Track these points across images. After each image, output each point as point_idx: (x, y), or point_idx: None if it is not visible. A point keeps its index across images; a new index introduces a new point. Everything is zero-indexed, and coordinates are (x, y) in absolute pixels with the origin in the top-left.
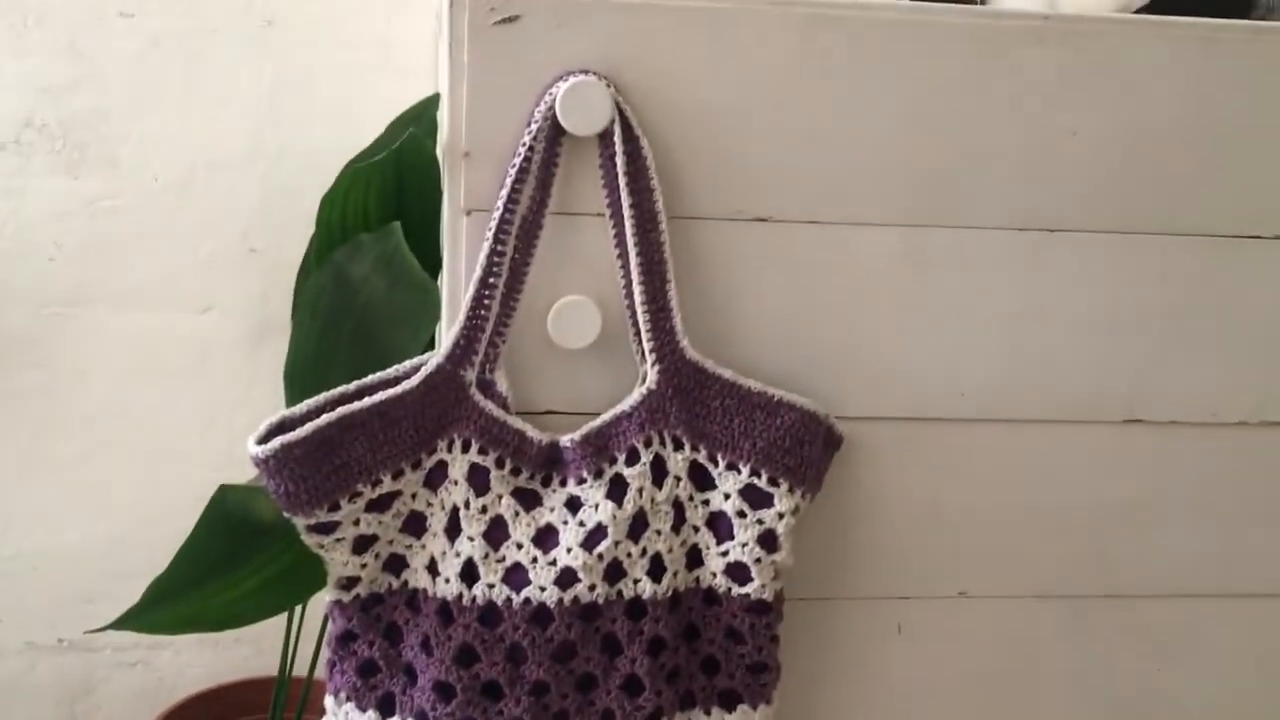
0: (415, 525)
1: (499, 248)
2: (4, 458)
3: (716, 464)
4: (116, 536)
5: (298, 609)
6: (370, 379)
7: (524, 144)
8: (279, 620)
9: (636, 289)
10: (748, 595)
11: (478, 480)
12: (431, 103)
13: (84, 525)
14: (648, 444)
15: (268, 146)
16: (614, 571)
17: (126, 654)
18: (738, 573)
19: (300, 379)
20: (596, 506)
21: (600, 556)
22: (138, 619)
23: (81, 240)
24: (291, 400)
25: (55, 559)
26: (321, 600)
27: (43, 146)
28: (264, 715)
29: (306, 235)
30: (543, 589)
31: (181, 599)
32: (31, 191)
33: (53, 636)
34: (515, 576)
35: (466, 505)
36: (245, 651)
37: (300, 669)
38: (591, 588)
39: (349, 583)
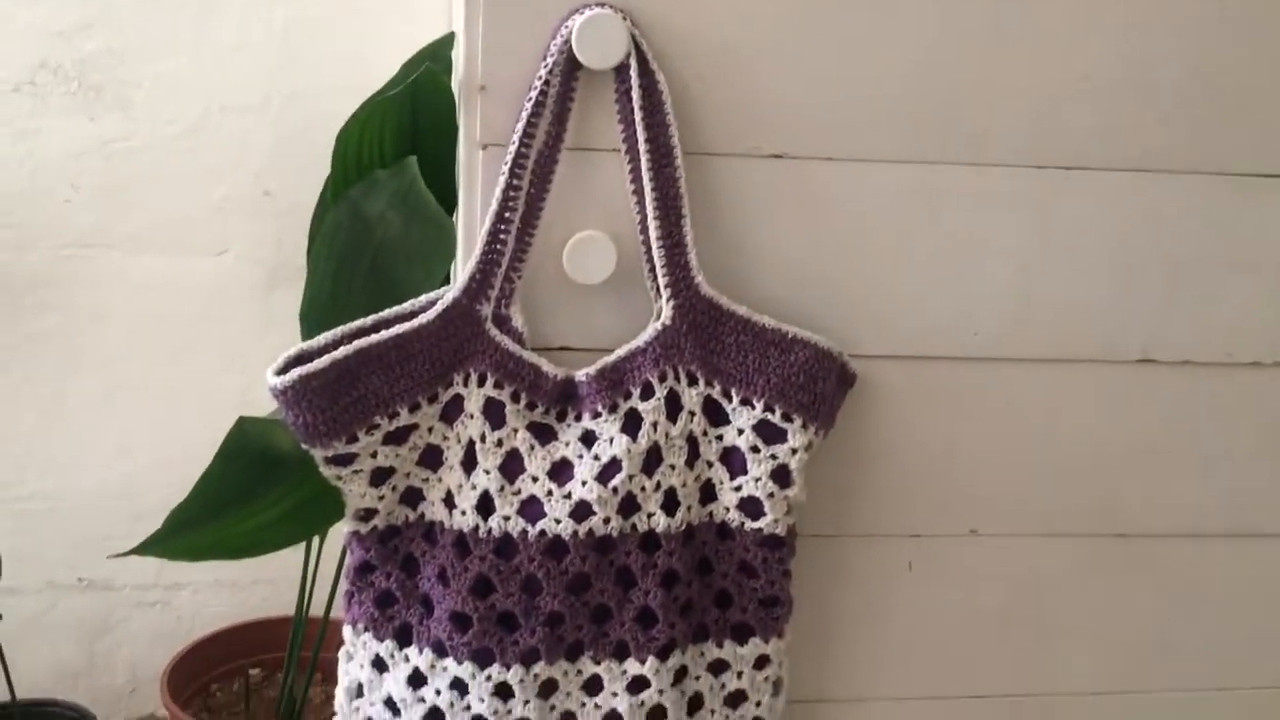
0: (432, 458)
1: (515, 182)
2: (22, 399)
3: (730, 399)
4: (134, 477)
5: (314, 550)
6: (387, 313)
7: (539, 78)
8: (296, 562)
9: (652, 224)
10: (761, 530)
11: (493, 414)
12: (446, 42)
13: (102, 466)
14: (662, 379)
15: (281, 89)
16: (628, 505)
17: (146, 594)
18: (751, 507)
19: (316, 318)
20: (611, 441)
21: (615, 490)
22: (159, 545)
23: (97, 182)
24: (308, 339)
25: (74, 499)
26: (338, 541)
27: (58, 88)
28: (281, 654)
29: (320, 178)
30: (558, 521)
31: (201, 527)
32: (47, 133)
33: (72, 576)
34: (530, 509)
35: (482, 439)
36: (263, 592)
37: (316, 610)
38: (606, 521)
39: (367, 514)
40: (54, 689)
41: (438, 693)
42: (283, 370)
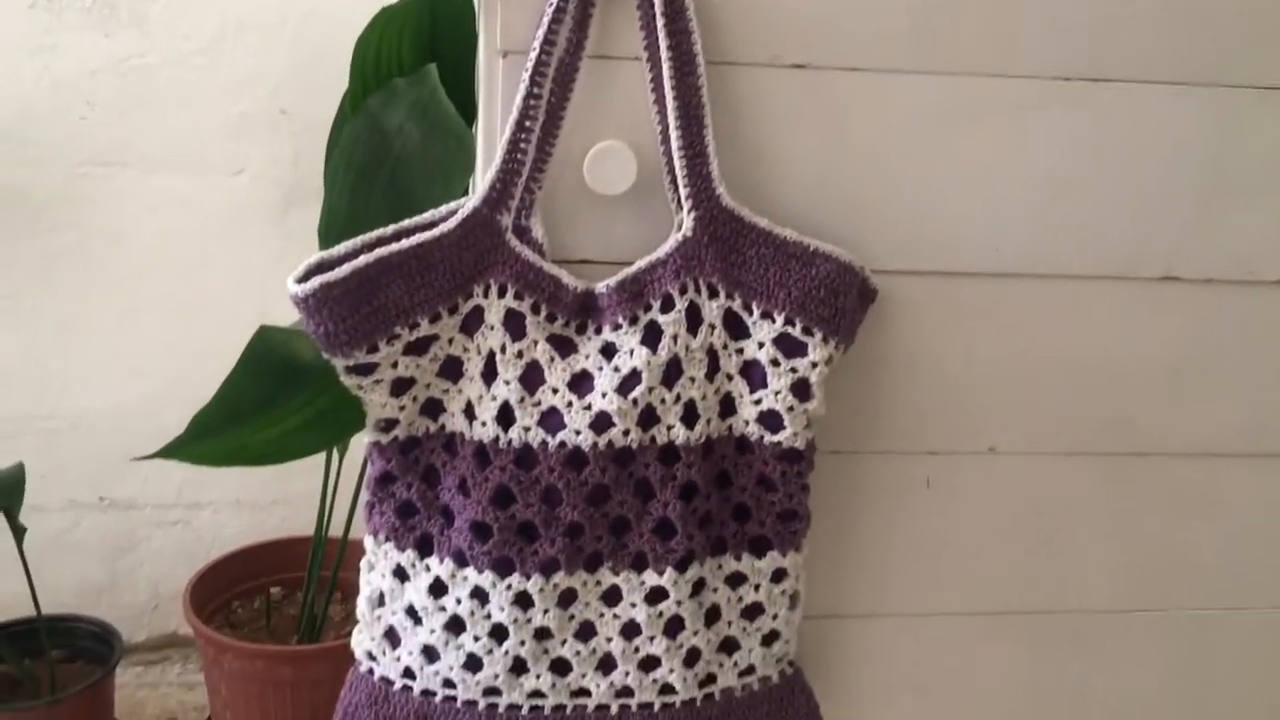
0: (452, 370)
1: (535, 90)
2: (41, 318)
3: (751, 312)
4: (153, 397)
5: (333, 471)
6: (407, 223)
7: None
8: (315, 484)
9: (673, 134)
10: (780, 443)
11: (513, 325)
12: None
13: (121, 386)
14: (683, 291)
15: (298, 6)
16: (648, 417)
17: (167, 513)
18: (770, 421)
19: (334, 235)
20: (631, 352)
21: (635, 402)
22: (182, 450)
23: (112, 99)
24: None
25: (94, 419)
26: (356, 464)
27: (73, 4)
28: (300, 573)
29: (337, 97)
30: (578, 433)
31: (224, 433)
32: (63, 49)
33: (94, 495)
34: (550, 420)
35: (502, 350)
36: (282, 513)
37: (335, 531)
38: (625, 433)
39: (387, 425)
40: (77, 606)
41: (458, 601)
42: (304, 278)
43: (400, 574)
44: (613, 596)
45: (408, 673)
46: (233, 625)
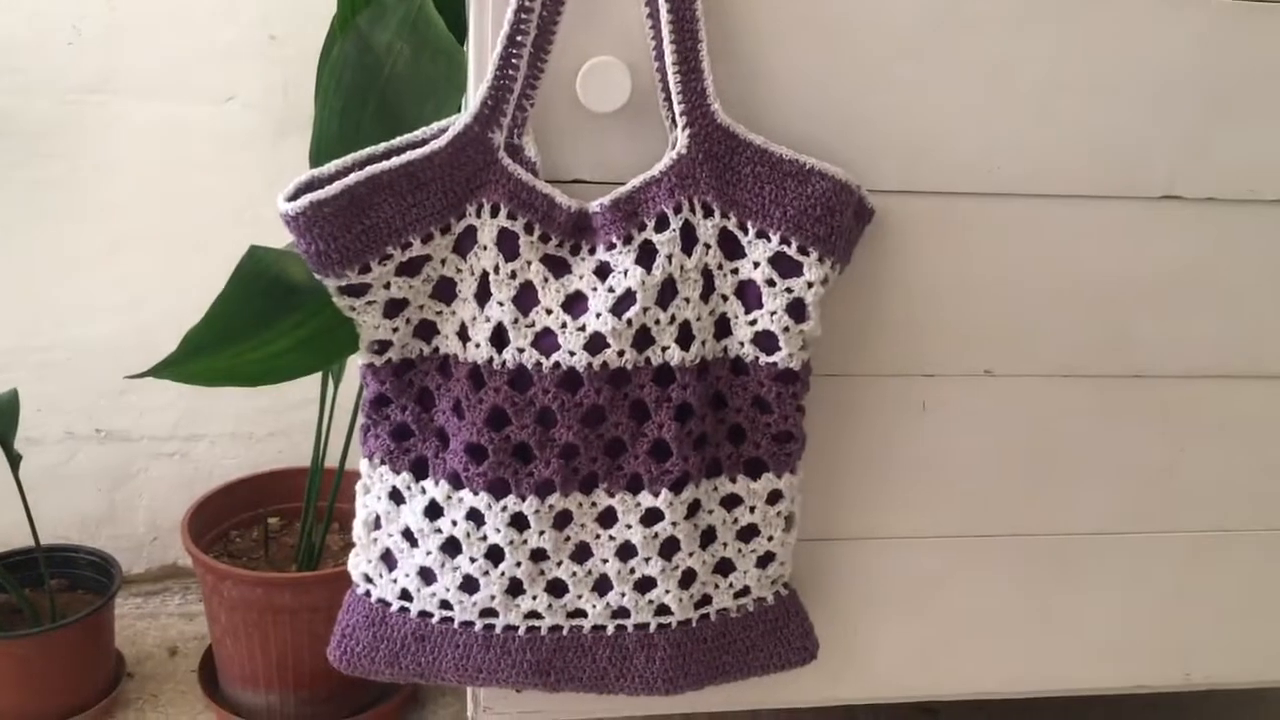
0: (445, 291)
1: (526, 4)
2: (32, 249)
3: (746, 232)
4: (147, 327)
5: (329, 402)
6: (398, 141)
7: None
8: (309, 417)
9: (667, 49)
10: (775, 364)
11: (507, 245)
12: None
13: (115, 316)
14: (677, 210)
15: None
16: (642, 338)
17: (164, 444)
18: (766, 341)
19: (325, 160)
20: (626, 273)
21: (629, 322)
22: (174, 369)
23: (99, 25)
24: None
25: (88, 350)
26: (351, 395)
27: None
28: (298, 504)
29: (327, 22)
30: (572, 354)
31: (216, 352)
32: None
33: (90, 427)
34: (545, 341)
35: (496, 270)
36: (279, 445)
37: (332, 462)
38: (620, 353)
39: (381, 347)
40: (77, 538)
41: (454, 523)
42: (293, 197)
43: (396, 496)
44: (608, 518)
45: (404, 594)
46: (231, 555)
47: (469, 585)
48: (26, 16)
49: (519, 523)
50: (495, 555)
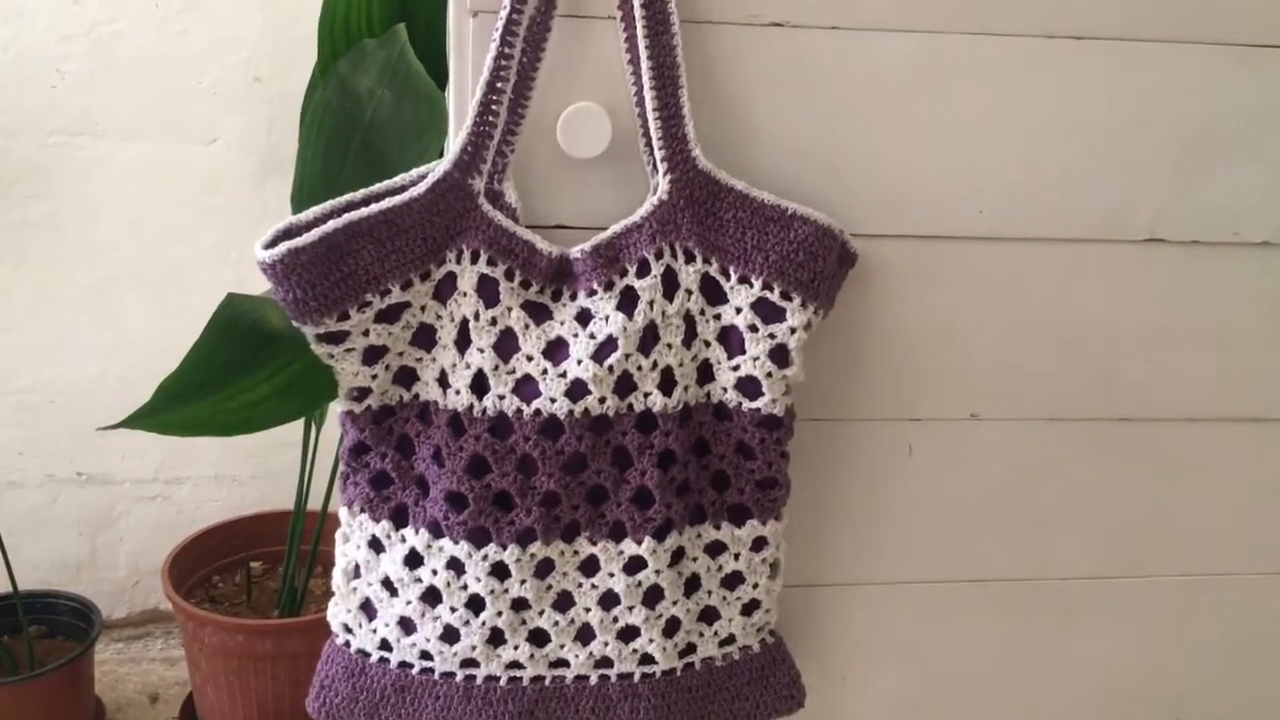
0: (425, 337)
1: (506, 50)
2: (16, 289)
3: (728, 277)
4: (130, 369)
5: (311, 445)
6: (377, 187)
7: None
8: (293, 459)
9: (648, 95)
10: (758, 410)
11: (487, 292)
12: None
13: (98, 358)
14: (659, 256)
15: None
16: (624, 384)
17: (146, 488)
18: (749, 387)
19: (307, 201)
20: (607, 319)
21: (611, 369)
22: (149, 419)
23: (84, 66)
24: None
25: (71, 391)
26: (334, 437)
27: None
28: (281, 547)
29: (310, 63)
30: (553, 400)
31: (192, 401)
32: (31, 15)
33: (72, 470)
34: (526, 388)
35: (476, 317)
36: (262, 488)
37: (314, 505)
38: (602, 400)
39: (360, 394)
40: (57, 582)
41: (434, 573)
42: (271, 244)
43: (376, 545)
44: (590, 566)
45: (384, 645)
46: (213, 600)
47: (449, 635)
48: (11, 59)
49: (500, 572)
50: (476, 605)
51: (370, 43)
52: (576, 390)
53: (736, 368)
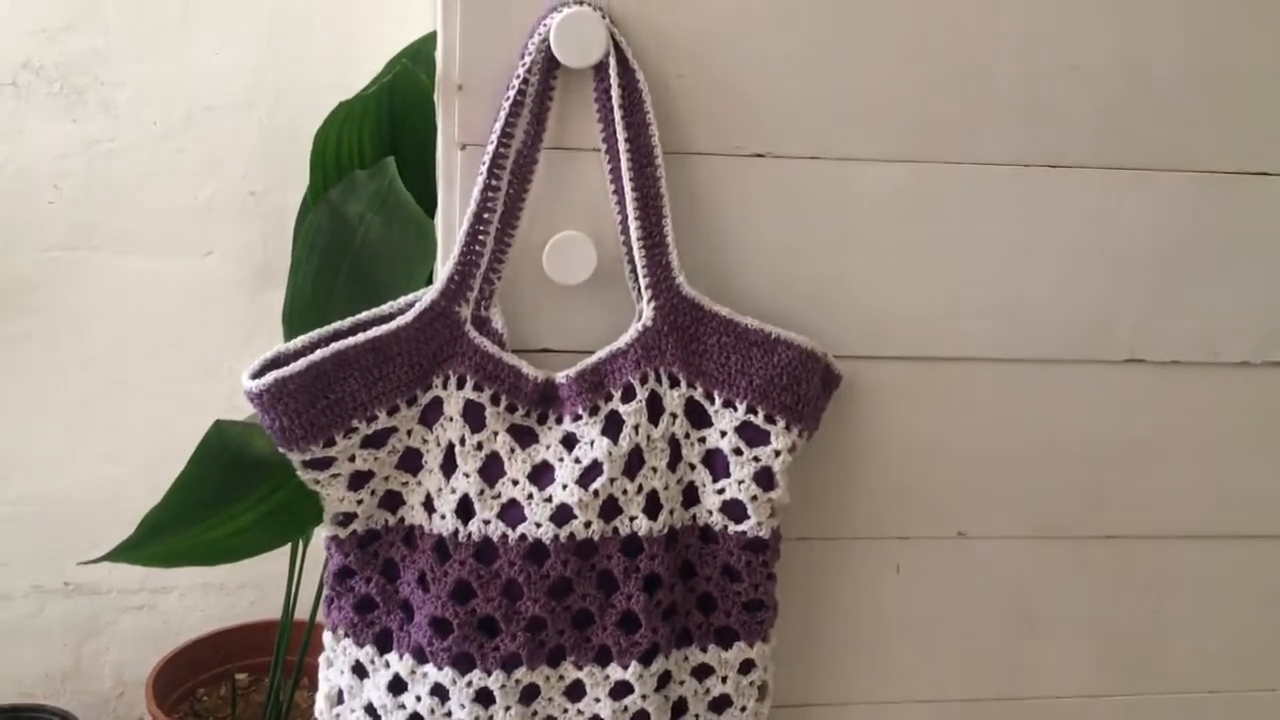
0: (411, 462)
1: (493, 183)
2: (7, 401)
3: (713, 401)
4: (121, 481)
5: (299, 555)
6: (365, 315)
7: (518, 77)
8: (282, 566)
9: (632, 225)
10: (744, 533)
11: (473, 417)
12: (429, 40)
13: (88, 469)
14: (644, 381)
15: (266, 88)
16: (610, 508)
17: (132, 598)
18: (734, 510)
19: (298, 319)
20: (592, 443)
21: (596, 493)
22: (132, 552)
23: (80, 183)
24: (290, 340)
25: (60, 503)
26: (323, 545)
27: (40, 88)
28: (267, 658)
29: (304, 177)
30: (539, 525)
31: (177, 532)
32: (29, 133)
33: (59, 580)
34: (511, 513)
35: (462, 442)
36: (250, 596)
37: (302, 614)
38: (587, 525)
39: (345, 519)
40: (40, 694)
41: (418, 699)
42: (258, 374)
43: (359, 670)
44: (576, 691)
45: None
46: (197, 715)
47: None
48: (10, 175)
49: (484, 698)
50: None
51: (361, 174)
52: (562, 515)
53: (721, 491)
